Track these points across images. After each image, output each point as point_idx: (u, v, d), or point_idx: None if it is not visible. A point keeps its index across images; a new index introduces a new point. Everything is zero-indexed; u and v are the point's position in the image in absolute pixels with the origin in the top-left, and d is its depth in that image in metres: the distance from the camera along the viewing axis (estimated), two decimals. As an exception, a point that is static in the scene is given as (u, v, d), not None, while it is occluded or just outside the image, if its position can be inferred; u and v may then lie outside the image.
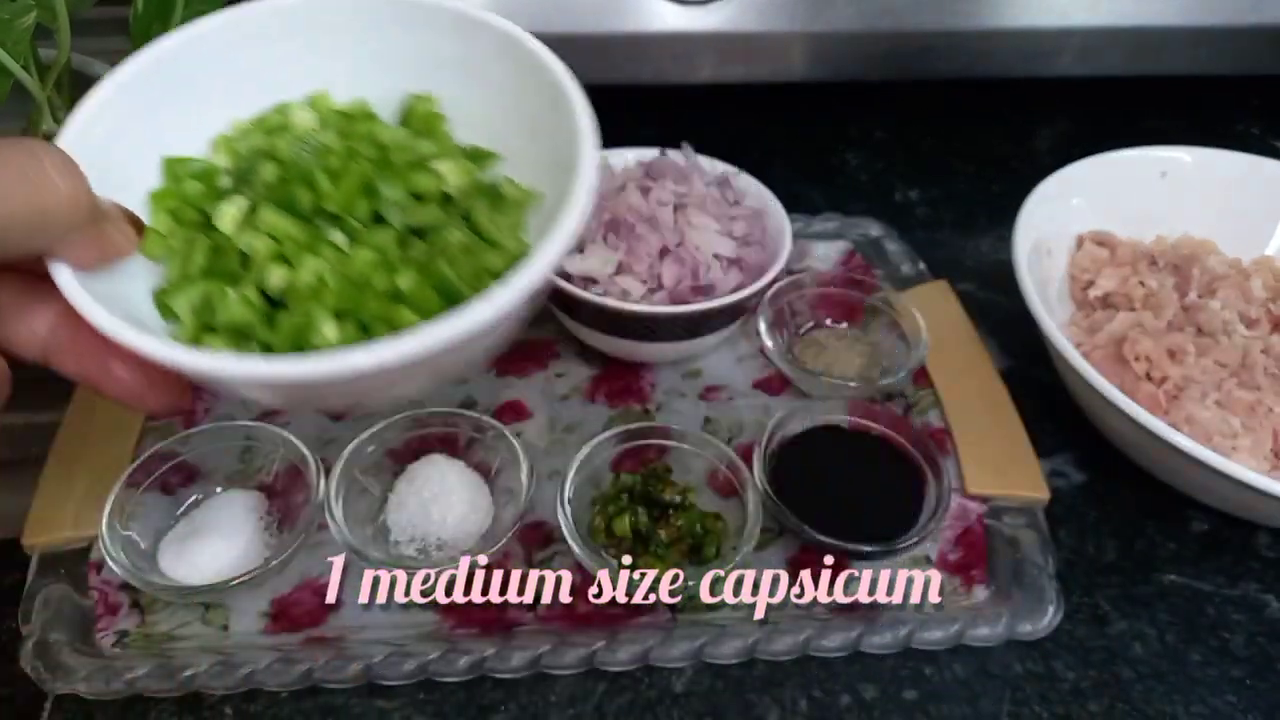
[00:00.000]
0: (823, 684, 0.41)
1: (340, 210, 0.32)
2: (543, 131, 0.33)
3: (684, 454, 0.46)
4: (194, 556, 0.40)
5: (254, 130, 0.34)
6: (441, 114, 0.36)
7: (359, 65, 0.35)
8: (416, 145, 0.34)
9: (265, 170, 0.32)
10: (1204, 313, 0.51)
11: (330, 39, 0.35)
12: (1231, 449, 0.45)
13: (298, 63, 0.35)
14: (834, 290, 0.54)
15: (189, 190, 0.33)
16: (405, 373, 0.28)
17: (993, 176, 0.70)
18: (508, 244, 0.33)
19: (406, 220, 0.32)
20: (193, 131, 0.34)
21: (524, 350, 0.53)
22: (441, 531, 0.42)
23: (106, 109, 0.31)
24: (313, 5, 0.34)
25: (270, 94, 0.35)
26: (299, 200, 0.32)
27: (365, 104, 0.36)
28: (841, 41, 0.61)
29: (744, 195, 0.54)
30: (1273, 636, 0.43)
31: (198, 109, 0.34)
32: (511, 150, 0.35)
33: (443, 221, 0.33)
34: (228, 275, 0.31)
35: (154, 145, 0.33)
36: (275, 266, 0.31)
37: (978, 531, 0.45)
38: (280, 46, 0.34)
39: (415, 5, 0.34)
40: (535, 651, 0.40)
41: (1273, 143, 0.74)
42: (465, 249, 0.32)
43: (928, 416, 0.50)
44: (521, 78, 0.34)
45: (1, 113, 0.42)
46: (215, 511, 0.43)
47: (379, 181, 0.32)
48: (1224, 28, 0.63)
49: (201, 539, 0.41)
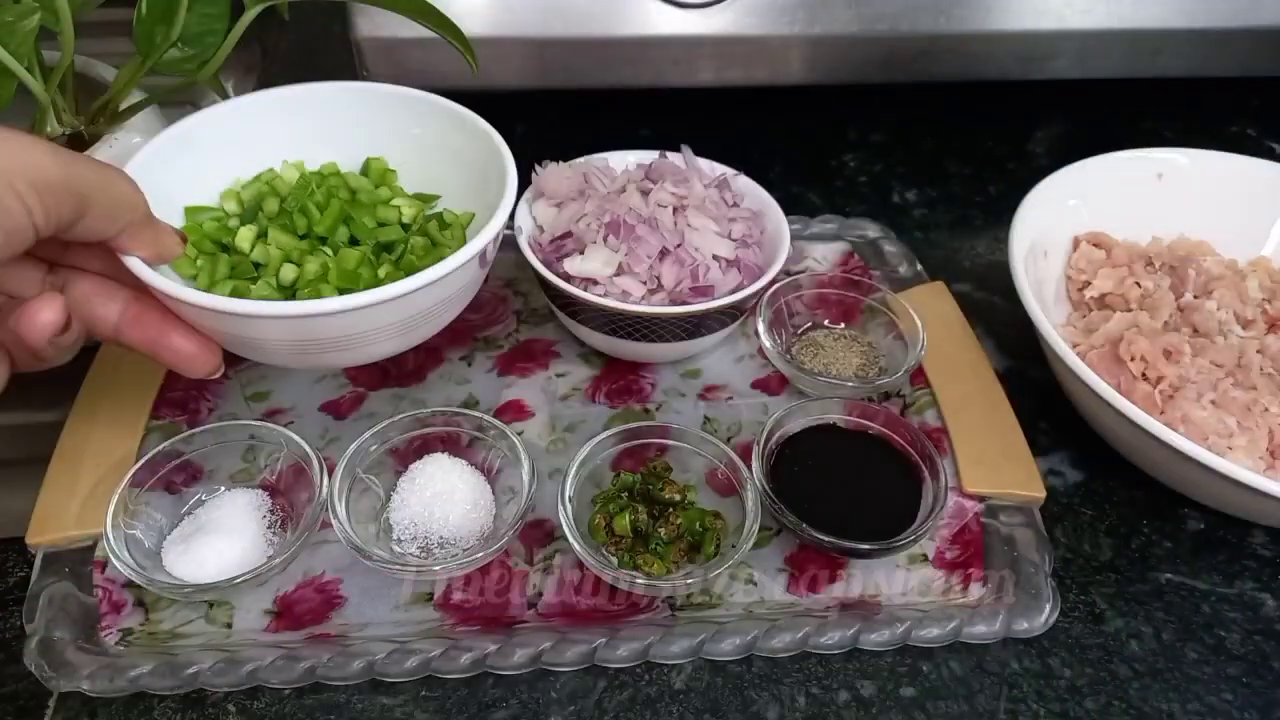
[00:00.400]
0: (821, 680, 0.41)
1: (326, 233, 0.45)
2: (477, 170, 0.47)
3: (683, 453, 0.46)
4: (198, 555, 0.41)
5: (253, 184, 0.47)
6: (393, 169, 0.50)
7: (331, 135, 0.48)
8: (378, 191, 0.48)
9: (268, 204, 0.46)
10: (1200, 313, 0.51)
11: (307, 119, 0.48)
12: (1227, 448, 0.45)
13: (284, 136, 0.48)
14: (832, 291, 0.55)
15: (206, 228, 0.45)
16: (386, 314, 0.39)
17: (990, 178, 0.70)
18: (449, 250, 0.44)
19: (377, 238, 0.46)
20: (206, 185, 0.47)
21: (525, 350, 0.54)
22: (444, 530, 0.42)
23: (143, 170, 0.41)
24: (294, 94, 0.47)
25: (263, 159, 0.48)
26: (297, 225, 0.45)
27: (334, 164, 0.49)
28: (839, 45, 0.61)
29: (743, 197, 0.54)
30: (1268, 634, 0.44)
31: (210, 169, 0.46)
32: (450, 186, 0.49)
33: (404, 239, 0.46)
34: (248, 279, 0.43)
35: (178, 194, 0.45)
36: (286, 267, 0.43)
37: (975, 530, 0.46)
38: (270, 125, 0.47)
39: (370, 90, 0.48)
40: (536, 648, 0.40)
41: (1269, 144, 0.75)
42: (426, 248, 0.46)
43: (925, 416, 0.50)
44: (456, 134, 0.47)
45: (5, 115, 0.42)
46: (219, 510, 0.43)
47: (353, 212, 0.46)
48: (1220, 30, 0.63)
49: (205, 537, 0.41)
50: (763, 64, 0.62)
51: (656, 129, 0.72)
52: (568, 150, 0.56)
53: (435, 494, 0.43)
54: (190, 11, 0.48)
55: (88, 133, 0.50)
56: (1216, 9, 0.63)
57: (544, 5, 0.58)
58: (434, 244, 0.46)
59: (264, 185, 0.47)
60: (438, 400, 0.51)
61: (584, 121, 0.73)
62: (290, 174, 0.48)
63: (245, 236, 0.44)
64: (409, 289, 0.39)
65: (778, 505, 0.42)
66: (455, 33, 0.50)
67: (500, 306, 0.56)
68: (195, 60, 0.49)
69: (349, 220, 0.46)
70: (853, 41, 0.61)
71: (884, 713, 0.40)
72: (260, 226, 0.45)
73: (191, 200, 0.46)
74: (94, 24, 0.51)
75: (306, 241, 0.45)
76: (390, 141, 0.49)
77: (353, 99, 0.48)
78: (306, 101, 0.47)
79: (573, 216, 0.51)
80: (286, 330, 0.39)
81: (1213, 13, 0.63)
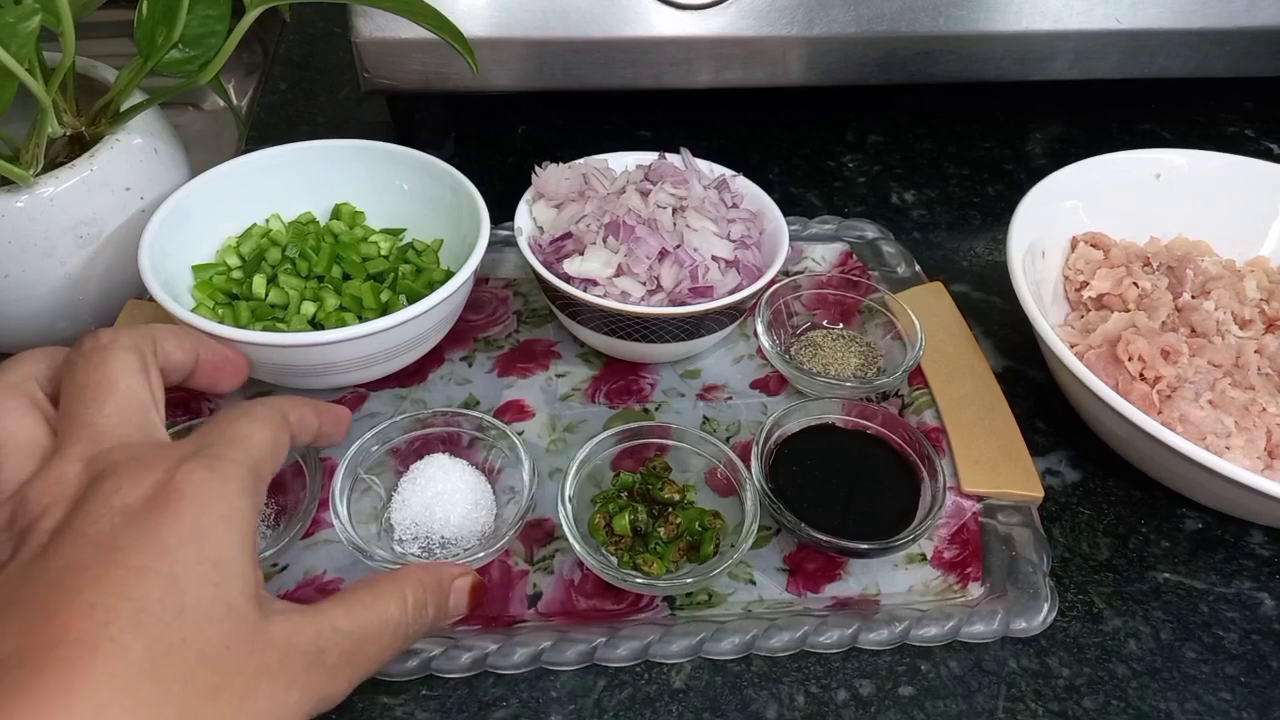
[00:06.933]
0: (820, 679, 0.41)
1: (324, 272, 0.52)
2: (446, 207, 0.54)
3: (683, 453, 0.46)
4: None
5: (247, 239, 0.53)
6: (361, 210, 0.56)
7: (303, 188, 0.55)
8: (353, 230, 0.55)
9: (271, 254, 0.52)
10: (1198, 313, 0.51)
11: (279, 177, 0.54)
12: (1225, 448, 0.45)
13: (260, 195, 0.54)
14: (831, 291, 0.55)
15: (216, 281, 0.51)
16: (398, 334, 0.46)
17: (988, 179, 0.70)
18: (435, 271, 0.53)
19: (367, 271, 0.52)
20: (204, 245, 0.53)
21: (525, 351, 0.54)
22: (445, 530, 0.42)
23: (154, 243, 0.47)
24: (270, 157, 0.54)
25: (246, 216, 0.54)
26: (301, 268, 0.52)
27: (310, 213, 0.56)
28: (838, 46, 0.61)
29: (742, 198, 0.54)
30: (1266, 634, 0.44)
31: (204, 231, 0.52)
32: (417, 220, 0.56)
33: (391, 267, 0.53)
34: (270, 319, 0.49)
35: (184, 256, 0.51)
36: (306, 304, 0.50)
37: (973, 529, 0.46)
38: (248, 187, 0.54)
39: (342, 146, 0.55)
40: (536, 648, 0.40)
41: (1266, 144, 0.75)
42: (413, 274, 0.53)
43: (923, 416, 0.51)
44: (421, 175, 0.54)
45: (6, 116, 0.42)
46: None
47: (341, 251, 0.52)
48: (1217, 30, 0.63)
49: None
50: (761, 65, 0.62)
51: (656, 130, 0.73)
52: (567, 151, 0.56)
53: (436, 494, 0.43)
54: (191, 13, 0.48)
55: (89, 134, 0.50)
56: (1214, 10, 0.63)
57: (544, 7, 0.58)
58: (419, 269, 0.53)
59: (262, 239, 0.53)
60: (438, 400, 0.51)
61: (584, 122, 0.73)
62: (276, 225, 0.54)
63: (260, 284, 0.50)
64: (442, 298, 0.46)
65: (777, 505, 0.42)
66: (455, 34, 0.50)
67: (500, 307, 0.56)
68: (196, 61, 0.49)
69: (339, 259, 0.52)
70: (851, 43, 0.61)
71: (882, 712, 0.40)
72: (266, 274, 0.51)
73: (194, 259, 0.52)
74: (95, 25, 0.52)
75: (309, 281, 0.51)
76: (354, 187, 0.56)
77: (317, 155, 0.55)
78: (274, 163, 0.54)
79: (572, 217, 0.51)
80: (352, 350, 0.46)
81: (1210, 14, 0.63)
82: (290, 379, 0.47)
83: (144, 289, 0.45)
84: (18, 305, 0.48)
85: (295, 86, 0.77)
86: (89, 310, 0.50)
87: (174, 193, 0.50)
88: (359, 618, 0.31)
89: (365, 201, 0.56)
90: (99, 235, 0.48)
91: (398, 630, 0.33)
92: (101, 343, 0.34)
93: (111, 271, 0.49)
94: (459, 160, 0.54)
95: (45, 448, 0.31)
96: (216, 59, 0.49)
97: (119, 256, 0.49)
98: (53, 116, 0.46)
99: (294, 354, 0.45)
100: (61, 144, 0.50)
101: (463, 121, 0.72)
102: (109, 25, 0.54)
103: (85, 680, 0.24)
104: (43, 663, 0.24)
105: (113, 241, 0.49)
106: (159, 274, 0.46)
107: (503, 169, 0.69)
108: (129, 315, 0.50)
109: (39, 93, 0.44)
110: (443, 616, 0.35)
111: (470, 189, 0.52)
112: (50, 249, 0.47)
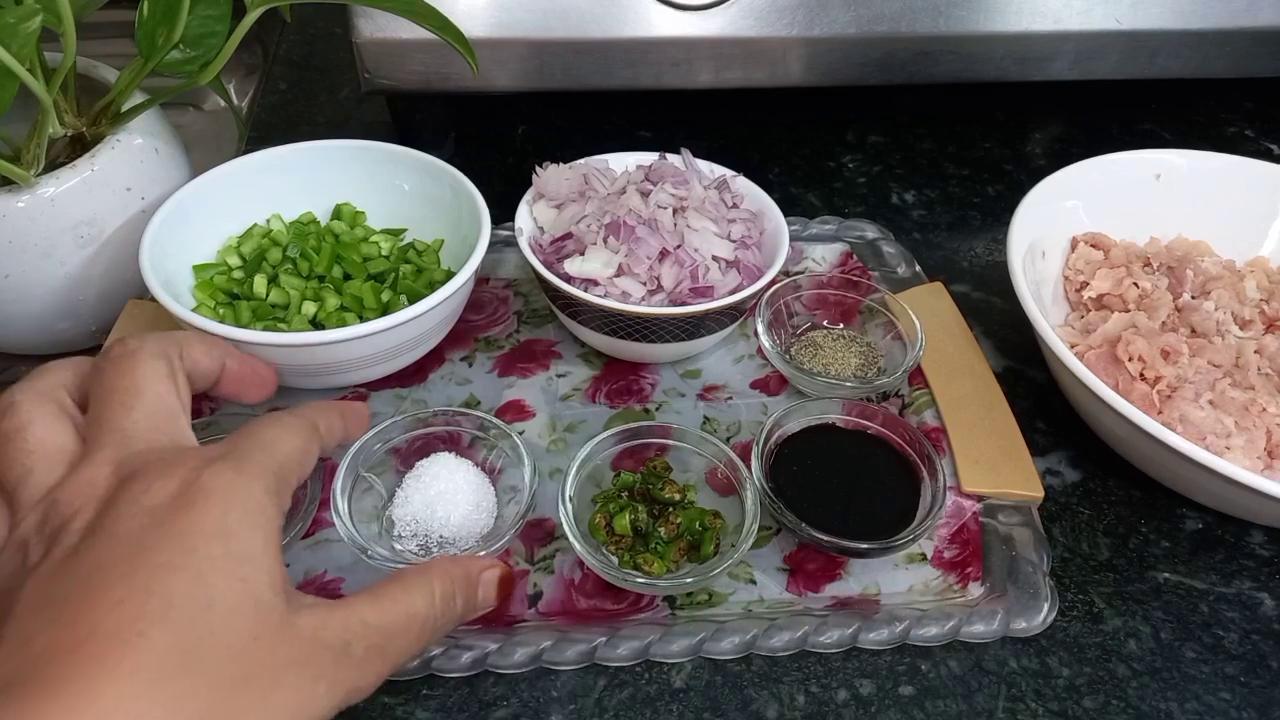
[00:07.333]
0: (820, 679, 0.41)
1: (325, 272, 0.52)
2: (446, 207, 0.54)
3: (683, 453, 0.46)
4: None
5: (248, 239, 0.53)
6: (361, 210, 0.56)
7: (303, 188, 0.55)
8: (354, 231, 0.55)
9: (272, 254, 0.52)
10: (1198, 313, 0.51)
11: (280, 177, 0.54)
12: (1225, 448, 0.45)
13: (261, 195, 0.54)
14: (831, 291, 0.55)
15: (217, 281, 0.51)
16: (399, 334, 0.46)
17: (988, 179, 0.70)
18: (435, 271, 0.53)
19: (368, 271, 0.52)
20: (204, 245, 0.53)
21: (526, 351, 0.54)
22: (445, 529, 0.43)
23: (154, 243, 0.47)
24: (271, 157, 0.54)
25: (247, 216, 0.54)
26: (301, 268, 0.52)
27: (311, 213, 0.56)
28: (838, 47, 0.61)
29: (742, 198, 0.54)
30: (1266, 634, 0.44)
31: (205, 231, 0.52)
32: (418, 220, 0.56)
33: (392, 267, 0.52)
34: (270, 319, 0.49)
35: (185, 256, 0.51)
36: (307, 304, 0.50)
37: (973, 529, 0.46)
38: (249, 187, 0.53)
39: (342, 146, 0.55)
40: (536, 647, 0.40)
41: (1266, 145, 0.75)
42: (414, 274, 0.53)
43: (923, 416, 0.51)
44: (422, 175, 0.55)
45: (7, 116, 0.42)
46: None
47: (341, 251, 0.52)
48: (1217, 31, 0.64)
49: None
50: (762, 66, 0.62)
51: (656, 130, 0.73)
52: (568, 151, 0.56)
53: (437, 493, 0.43)
54: (192, 13, 0.48)
55: (89, 134, 0.50)
56: (1213, 10, 0.63)
57: (544, 7, 0.58)
58: (419, 269, 0.53)
59: (262, 239, 0.53)
60: (439, 400, 0.51)
61: (584, 122, 0.73)
62: (277, 225, 0.54)
63: (260, 284, 0.50)
64: (442, 298, 0.46)
65: (777, 504, 0.42)
66: (456, 35, 0.50)
67: (501, 307, 0.56)
68: (197, 62, 0.49)
69: (340, 259, 0.52)
70: (851, 43, 0.61)
71: (883, 711, 0.40)
72: (267, 273, 0.51)
73: (195, 259, 0.52)
74: (96, 25, 0.52)
75: (309, 281, 0.51)
76: (354, 187, 0.56)
77: (318, 155, 0.55)
78: (275, 163, 0.54)
79: (573, 218, 0.51)
80: (353, 350, 0.46)
81: (1210, 14, 0.63)
82: (291, 379, 0.47)
83: (145, 289, 0.46)
84: (18, 305, 0.48)
85: (295, 87, 0.77)
86: (89, 310, 0.50)
87: (175, 193, 0.50)
88: (387, 611, 0.32)
89: (366, 201, 0.56)
90: (100, 235, 0.48)
91: (426, 623, 0.33)
92: (129, 349, 0.34)
93: (112, 272, 0.49)
94: (459, 160, 0.54)
95: (74, 454, 0.32)
96: (217, 59, 0.49)
97: (120, 256, 0.49)
98: (54, 117, 0.46)
99: (295, 354, 0.45)
100: (62, 144, 0.50)
101: (463, 121, 0.72)
102: (110, 25, 0.54)
103: (115, 674, 0.25)
104: (74, 658, 0.25)
105: (113, 242, 0.49)
106: (160, 274, 0.46)
107: (503, 169, 0.69)
108: (129, 315, 0.51)
109: (40, 93, 0.44)
110: (471, 609, 0.35)
111: (471, 189, 0.52)
112: (51, 249, 0.47)
